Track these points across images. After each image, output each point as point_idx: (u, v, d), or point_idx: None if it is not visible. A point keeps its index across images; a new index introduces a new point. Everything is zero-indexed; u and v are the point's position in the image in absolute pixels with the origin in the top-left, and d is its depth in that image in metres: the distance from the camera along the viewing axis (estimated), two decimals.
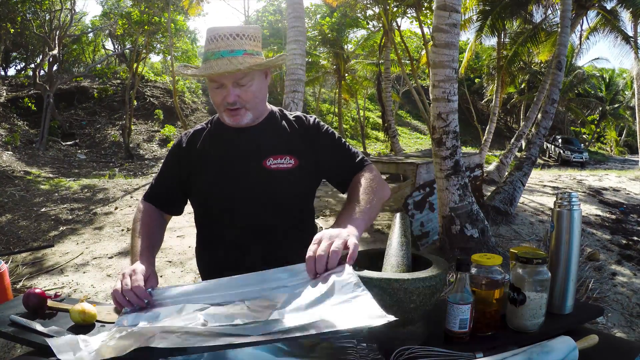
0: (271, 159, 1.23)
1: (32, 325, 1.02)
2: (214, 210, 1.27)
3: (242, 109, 1.18)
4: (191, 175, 1.28)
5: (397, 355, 0.82)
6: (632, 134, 28.47)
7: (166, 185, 1.33)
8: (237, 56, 1.12)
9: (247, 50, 1.15)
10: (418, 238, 5.10)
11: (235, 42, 1.14)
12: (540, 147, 6.83)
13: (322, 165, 1.28)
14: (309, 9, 15.79)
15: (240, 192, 1.23)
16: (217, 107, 1.22)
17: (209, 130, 1.32)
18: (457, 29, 4.35)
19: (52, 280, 3.92)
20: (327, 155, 1.28)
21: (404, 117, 27.13)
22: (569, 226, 1.07)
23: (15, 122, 13.59)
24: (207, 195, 1.26)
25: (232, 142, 1.27)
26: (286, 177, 1.23)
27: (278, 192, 1.22)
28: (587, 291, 3.57)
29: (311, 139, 1.28)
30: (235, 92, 1.16)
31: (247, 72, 1.15)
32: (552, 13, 11.13)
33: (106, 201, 6.78)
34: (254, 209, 1.23)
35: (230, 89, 1.15)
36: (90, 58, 21.15)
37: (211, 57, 1.14)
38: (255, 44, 1.18)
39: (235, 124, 1.21)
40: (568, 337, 0.84)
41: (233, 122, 1.21)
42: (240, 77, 1.14)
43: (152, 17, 13.26)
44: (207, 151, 1.28)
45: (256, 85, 1.19)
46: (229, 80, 1.14)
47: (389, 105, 12.53)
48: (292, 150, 1.25)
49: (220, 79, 1.15)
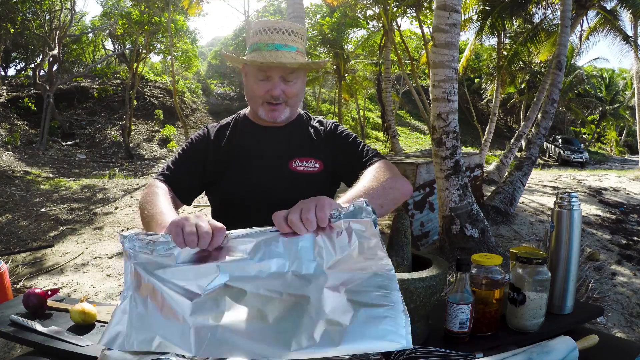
0: (297, 161, 1.22)
1: (32, 325, 1.02)
2: (234, 207, 1.25)
3: (282, 104, 1.18)
4: (216, 168, 1.25)
5: (397, 355, 0.82)
6: (632, 134, 28.47)
7: (188, 172, 1.26)
8: (291, 52, 1.13)
9: (299, 48, 1.16)
10: (418, 238, 5.10)
11: (289, 38, 1.14)
12: (540, 147, 6.83)
13: (338, 168, 1.27)
14: (309, 9, 15.79)
15: (263, 191, 1.21)
16: (255, 100, 1.20)
17: (237, 126, 1.30)
18: (457, 29, 4.35)
19: (52, 280, 3.92)
20: (342, 155, 1.26)
21: (404, 117, 27.13)
22: (569, 226, 1.07)
23: (15, 122, 13.60)
24: (230, 191, 1.24)
25: (260, 140, 1.25)
26: (310, 180, 1.22)
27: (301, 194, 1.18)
28: (587, 291, 3.57)
29: (332, 142, 1.27)
30: (282, 86, 1.16)
31: (296, 69, 1.15)
32: (552, 13, 11.14)
33: (106, 201, 6.78)
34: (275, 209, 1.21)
35: (278, 82, 1.15)
36: (90, 58, 21.15)
37: (264, 48, 1.13)
38: (304, 43, 1.20)
39: (273, 119, 1.20)
40: (568, 337, 0.84)
41: (270, 118, 1.19)
42: (289, 72, 1.15)
43: (152, 17, 13.26)
44: (235, 147, 1.25)
45: (300, 83, 1.20)
46: (278, 73, 1.14)
47: (389, 105, 12.54)
48: (317, 154, 1.24)
49: (270, 71, 1.14)
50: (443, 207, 4.64)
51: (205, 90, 21.16)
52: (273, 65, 1.12)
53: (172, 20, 12.86)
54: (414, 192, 5.30)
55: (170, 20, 12.62)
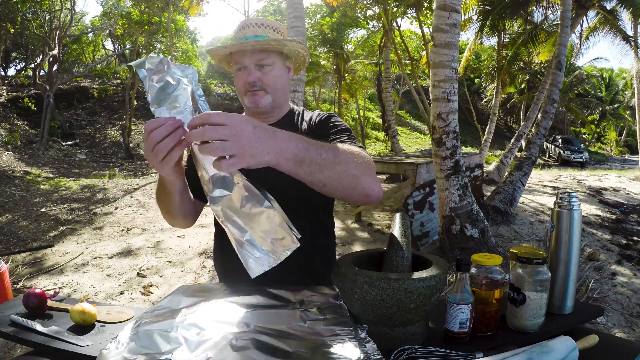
0: None
1: (32, 325, 1.02)
2: None
3: (262, 91, 1.21)
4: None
5: (397, 355, 0.82)
6: (632, 134, 28.49)
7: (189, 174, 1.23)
8: (260, 40, 1.17)
9: (269, 37, 1.20)
10: (418, 238, 5.10)
11: (260, 29, 1.20)
12: (540, 147, 6.83)
13: None
14: (309, 9, 15.79)
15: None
16: (240, 92, 1.24)
17: None
18: (457, 29, 4.36)
19: (52, 280, 3.92)
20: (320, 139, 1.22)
21: (404, 117, 27.14)
22: (569, 226, 1.07)
23: (15, 122, 13.60)
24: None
25: None
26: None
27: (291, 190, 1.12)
28: (587, 291, 3.57)
29: (319, 131, 1.25)
30: (257, 74, 1.19)
31: (269, 54, 1.18)
32: (552, 13, 11.14)
33: (106, 201, 6.78)
34: None
35: (252, 70, 1.19)
36: (90, 58, 21.17)
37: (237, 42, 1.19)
38: (279, 36, 1.23)
39: (254, 105, 1.22)
40: (568, 337, 0.84)
41: (252, 103, 1.22)
42: (261, 58, 1.18)
43: (152, 17, 13.25)
44: None
45: (277, 71, 1.22)
46: (251, 61, 1.18)
47: (389, 105, 12.54)
48: None
49: (243, 60, 1.19)
50: (443, 207, 4.65)
51: (206, 90, 21.17)
52: (235, 49, 1.18)
53: (172, 20, 12.87)
54: (414, 192, 5.30)
55: (170, 20, 12.62)
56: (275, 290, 0.95)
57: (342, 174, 0.87)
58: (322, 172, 0.84)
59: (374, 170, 0.97)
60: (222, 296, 0.94)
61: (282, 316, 0.85)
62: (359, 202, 0.98)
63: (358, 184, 0.90)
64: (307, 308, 0.89)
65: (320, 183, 0.85)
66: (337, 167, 0.85)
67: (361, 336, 0.78)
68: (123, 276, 4.08)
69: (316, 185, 0.86)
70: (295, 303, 0.92)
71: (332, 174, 0.85)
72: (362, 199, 0.94)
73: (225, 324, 0.79)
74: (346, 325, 0.81)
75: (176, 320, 0.79)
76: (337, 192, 0.89)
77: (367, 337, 0.78)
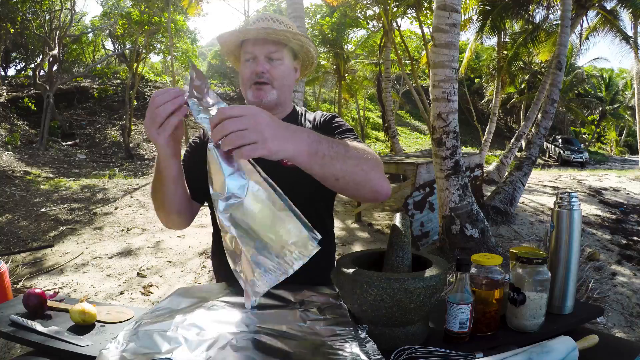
0: None
1: (32, 325, 1.02)
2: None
3: (268, 84, 1.19)
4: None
5: (397, 355, 0.82)
6: (632, 134, 28.49)
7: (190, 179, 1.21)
8: (276, 29, 1.16)
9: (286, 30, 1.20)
10: (418, 238, 5.10)
11: (274, 24, 1.19)
12: (540, 147, 6.83)
13: None
14: (309, 9, 15.80)
15: None
16: (244, 83, 1.22)
17: None
18: (457, 29, 4.36)
19: (52, 280, 3.92)
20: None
21: (404, 117, 27.14)
22: (569, 226, 1.07)
23: (15, 122, 13.60)
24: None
25: None
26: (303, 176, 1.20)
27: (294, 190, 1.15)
28: (587, 291, 3.57)
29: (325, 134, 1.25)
30: (266, 65, 1.18)
31: (279, 49, 1.18)
32: (553, 13, 11.14)
33: (106, 201, 6.78)
34: None
35: (262, 61, 1.18)
36: (90, 58, 21.16)
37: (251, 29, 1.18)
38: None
39: (258, 99, 1.19)
40: (568, 337, 0.84)
41: (256, 97, 1.19)
42: (272, 50, 1.17)
43: (152, 17, 13.26)
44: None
45: (286, 66, 1.21)
46: (261, 52, 1.17)
47: (389, 105, 12.55)
48: None
49: (254, 50, 1.17)
50: (443, 207, 4.65)
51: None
52: (250, 36, 1.17)
53: (172, 20, 12.86)
54: (414, 192, 5.30)
55: (170, 20, 12.62)
56: (275, 290, 0.95)
57: (354, 167, 0.87)
58: (334, 165, 0.84)
59: (382, 168, 0.97)
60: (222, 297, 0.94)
61: (282, 316, 0.85)
62: (368, 199, 0.97)
63: (369, 180, 0.90)
64: (307, 308, 0.89)
65: (333, 177, 0.85)
66: (348, 161, 0.86)
67: (361, 336, 0.78)
68: (123, 276, 4.08)
69: (329, 180, 0.86)
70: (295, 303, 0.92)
71: (344, 167, 0.86)
72: (372, 195, 0.94)
73: (225, 324, 0.79)
74: (346, 325, 0.81)
75: (176, 321, 0.79)
76: (349, 187, 0.89)
77: (367, 337, 0.78)
